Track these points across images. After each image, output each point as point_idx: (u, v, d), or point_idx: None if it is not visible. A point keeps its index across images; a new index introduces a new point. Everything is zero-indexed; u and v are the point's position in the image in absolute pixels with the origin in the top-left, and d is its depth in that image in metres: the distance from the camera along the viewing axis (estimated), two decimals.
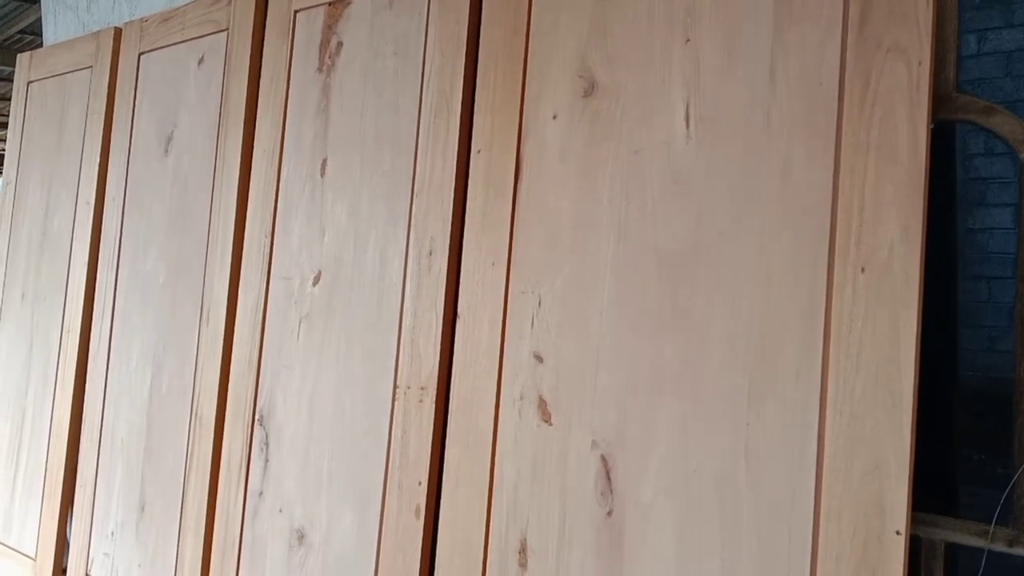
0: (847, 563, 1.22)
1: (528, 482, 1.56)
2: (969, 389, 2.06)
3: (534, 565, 1.53)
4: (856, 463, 1.23)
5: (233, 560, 2.03)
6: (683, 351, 1.41)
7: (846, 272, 1.27)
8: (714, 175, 1.41)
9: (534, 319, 1.60)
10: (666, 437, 1.41)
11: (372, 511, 1.78)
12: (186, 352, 2.27)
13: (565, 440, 1.53)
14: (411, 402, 1.75)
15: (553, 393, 1.56)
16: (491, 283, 1.66)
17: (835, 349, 1.26)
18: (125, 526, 2.37)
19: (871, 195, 1.26)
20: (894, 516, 1.20)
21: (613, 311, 1.50)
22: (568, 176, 1.57)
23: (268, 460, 2.01)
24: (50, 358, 2.72)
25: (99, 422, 2.50)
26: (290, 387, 1.99)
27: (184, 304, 2.30)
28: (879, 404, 1.22)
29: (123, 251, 2.53)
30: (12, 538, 2.77)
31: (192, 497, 2.17)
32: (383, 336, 1.83)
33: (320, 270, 1.97)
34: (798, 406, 1.28)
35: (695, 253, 1.41)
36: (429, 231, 1.76)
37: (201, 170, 2.32)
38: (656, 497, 1.41)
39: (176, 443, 2.25)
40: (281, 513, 1.96)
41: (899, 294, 1.23)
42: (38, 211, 2.91)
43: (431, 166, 1.77)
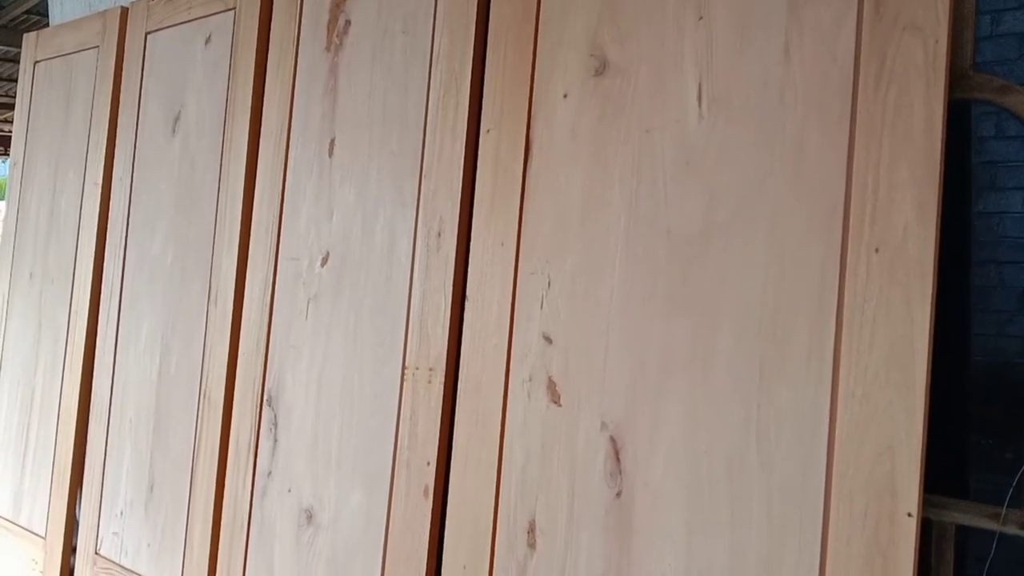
0: (858, 545, 1.22)
1: (537, 463, 1.56)
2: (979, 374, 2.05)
3: (543, 545, 1.53)
4: (868, 444, 1.22)
5: (242, 539, 2.04)
6: (694, 332, 1.40)
7: (860, 253, 1.26)
8: (727, 155, 1.40)
9: (543, 300, 1.59)
10: (676, 418, 1.40)
11: (381, 491, 1.78)
12: (194, 333, 2.27)
13: (574, 421, 1.52)
14: (420, 383, 1.75)
15: (562, 374, 1.55)
16: (500, 264, 1.65)
17: (848, 330, 1.25)
18: (134, 505, 2.38)
19: (886, 175, 1.25)
20: (906, 498, 1.19)
21: (623, 292, 1.49)
22: (578, 156, 1.56)
23: (277, 440, 2.01)
24: (58, 338, 2.73)
25: (107, 402, 2.51)
26: (298, 368, 1.99)
27: (192, 285, 2.30)
28: (892, 385, 1.21)
29: (131, 232, 2.53)
30: (22, 517, 2.79)
31: (201, 477, 2.17)
32: (391, 317, 1.83)
33: (328, 251, 1.97)
34: (809, 387, 1.28)
35: (707, 234, 1.40)
36: (438, 211, 1.75)
37: (209, 150, 2.31)
38: (665, 478, 1.41)
39: (185, 423, 2.26)
40: (290, 493, 1.96)
41: (913, 275, 1.21)
42: (45, 191, 2.91)
43: (440, 146, 1.76)
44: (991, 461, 2.13)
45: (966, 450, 1.79)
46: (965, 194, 2.04)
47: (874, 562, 1.20)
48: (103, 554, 2.45)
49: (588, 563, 1.47)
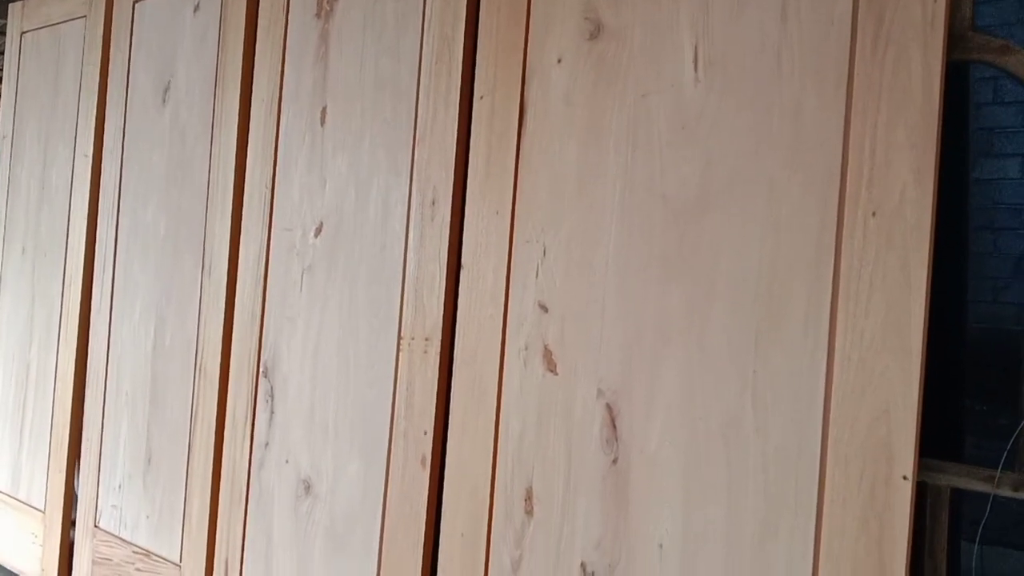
0: (853, 508, 1.22)
1: (533, 431, 1.56)
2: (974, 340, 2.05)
3: (540, 512, 1.53)
4: (864, 408, 1.22)
5: (240, 510, 2.05)
6: (690, 299, 1.39)
7: (856, 217, 1.25)
8: (723, 119, 1.38)
9: (539, 268, 1.58)
10: (672, 385, 1.40)
11: (378, 461, 1.79)
12: (188, 305, 2.26)
13: (570, 389, 1.52)
14: (415, 353, 1.75)
15: (558, 343, 1.55)
16: (495, 232, 1.64)
17: (844, 295, 1.25)
18: (132, 478, 2.38)
19: (883, 138, 1.24)
20: (901, 461, 1.20)
21: (619, 259, 1.48)
22: (573, 122, 1.54)
23: (273, 412, 2.01)
24: (52, 312, 2.72)
25: (103, 375, 2.51)
26: (294, 339, 1.99)
27: (185, 256, 2.29)
28: (888, 349, 1.21)
29: (122, 203, 2.51)
30: (21, 492, 2.80)
31: (198, 449, 2.18)
32: (386, 287, 1.82)
33: (322, 221, 1.95)
34: (806, 352, 1.27)
35: (703, 199, 1.39)
36: (432, 180, 1.74)
37: (199, 120, 2.28)
38: (662, 445, 1.41)
39: (181, 396, 2.26)
40: (287, 464, 1.97)
41: (910, 238, 1.21)
42: (36, 164, 2.88)
43: (433, 113, 1.74)
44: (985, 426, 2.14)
45: (961, 415, 1.80)
46: (963, 160, 2.03)
47: (869, 525, 1.21)
48: (102, 527, 2.46)
49: (585, 529, 1.48)
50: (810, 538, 1.26)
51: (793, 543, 1.27)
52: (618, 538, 1.44)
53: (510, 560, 1.56)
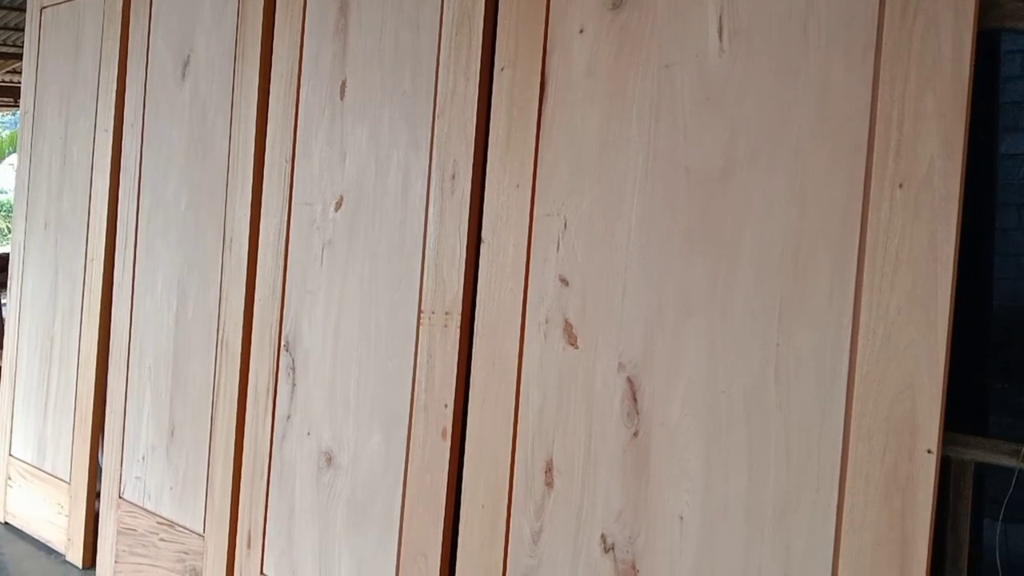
0: (876, 482, 1.22)
1: (554, 404, 1.57)
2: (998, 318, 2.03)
3: (560, 484, 1.54)
4: (888, 382, 1.21)
5: (263, 482, 2.07)
6: (713, 272, 1.38)
7: (883, 188, 1.23)
8: (748, 90, 1.36)
9: (560, 242, 1.58)
10: (694, 358, 1.40)
11: (399, 433, 1.80)
12: (210, 279, 2.27)
13: (591, 363, 1.52)
14: (436, 327, 1.75)
15: (579, 316, 1.54)
16: (515, 206, 1.64)
17: (870, 267, 1.23)
18: (155, 450, 2.41)
19: (911, 107, 1.22)
20: (926, 435, 1.19)
21: (641, 232, 1.47)
22: (595, 93, 1.53)
23: (295, 385, 2.03)
24: (75, 287, 2.74)
25: (126, 349, 2.53)
26: (315, 313, 2.00)
27: (207, 231, 2.30)
28: (914, 322, 1.20)
29: (144, 178, 2.52)
30: (47, 463, 2.84)
31: (221, 422, 2.20)
32: (407, 261, 1.82)
33: (342, 195, 1.95)
34: (830, 326, 1.26)
35: (727, 171, 1.38)
36: (452, 153, 1.73)
37: (219, 94, 2.28)
38: (683, 418, 1.41)
39: (203, 369, 2.28)
40: (309, 436, 1.98)
41: (938, 210, 1.19)
42: (57, 139, 2.90)
43: (453, 85, 1.73)
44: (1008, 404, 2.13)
45: (985, 392, 1.79)
46: (991, 133, 1.99)
47: (892, 499, 1.20)
48: (127, 498, 2.50)
49: (605, 501, 1.48)
50: (832, 512, 1.26)
51: (815, 516, 1.27)
52: (638, 510, 1.44)
53: (530, 531, 1.57)
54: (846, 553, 1.24)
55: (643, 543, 1.43)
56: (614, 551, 1.46)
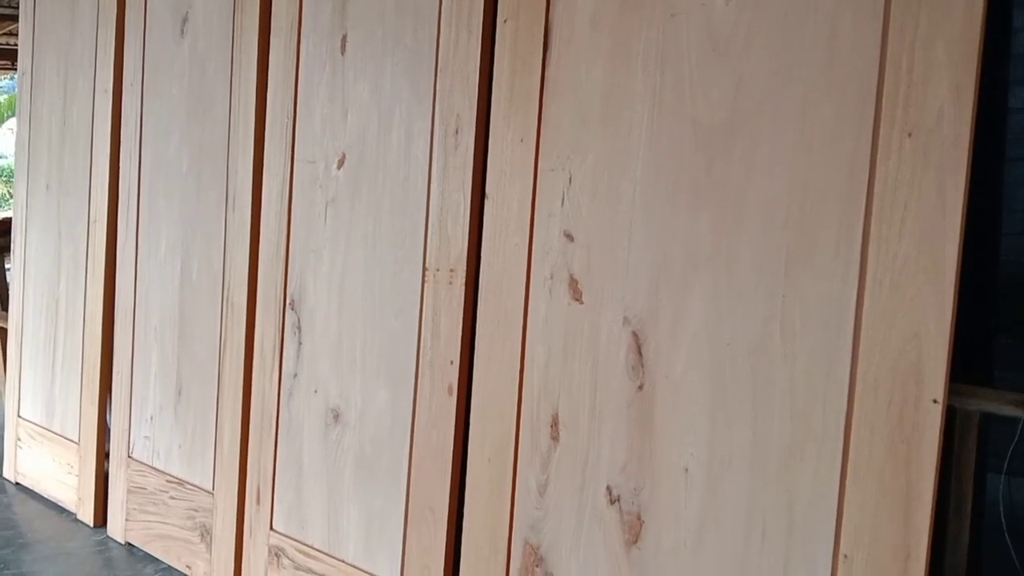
0: (881, 432, 1.22)
1: (559, 359, 1.57)
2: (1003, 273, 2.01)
3: (566, 438, 1.55)
4: (895, 332, 1.21)
5: (271, 439, 2.09)
6: (719, 225, 1.38)
7: (892, 137, 1.22)
8: (755, 39, 1.34)
9: (564, 197, 1.57)
10: (699, 311, 1.40)
11: (405, 390, 1.81)
12: (214, 239, 2.27)
13: (596, 318, 1.52)
14: (441, 283, 1.75)
15: (584, 271, 1.54)
16: (520, 161, 1.62)
17: (877, 217, 1.22)
18: (163, 410, 2.43)
19: (921, 54, 1.20)
20: (932, 385, 1.19)
21: (646, 186, 1.46)
22: (600, 44, 1.51)
23: (301, 343, 2.03)
24: (79, 248, 2.74)
25: (131, 310, 2.54)
26: (319, 271, 1.99)
27: (209, 191, 2.29)
28: (921, 272, 1.19)
29: (144, 138, 2.51)
30: (56, 424, 2.87)
31: (228, 380, 2.21)
32: (411, 218, 1.81)
33: (344, 152, 1.94)
34: (836, 276, 1.26)
35: (733, 123, 1.36)
36: (455, 108, 1.71)
37: (219, 51, 2.26)
38: (688, 371, 1.41)
39: (209, 329, 2.28)
40: (316, 394, 1.99)
41: (947, 158, 1.18)
42: (56, 100, 2.87)
43: (455, 38, 1.71)
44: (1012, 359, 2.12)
45: (991, 344, 1.78)
46: (1001, 86, 1.97)
47: (897, 449, 1.21)
48: (136, 457, 2.53)
49: (611, 454, 1.49)
50: (837, 462, 1.26)
51: (819, 467, 1.28)
52: (643, 463, 1.45)
53: (536, 484, 1.58)
54: (850, 503, 1.25)
55: (648, 495, 1.45)
56: (619, 503, 1.48)
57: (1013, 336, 2.15)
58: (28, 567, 2.38)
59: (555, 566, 1.56)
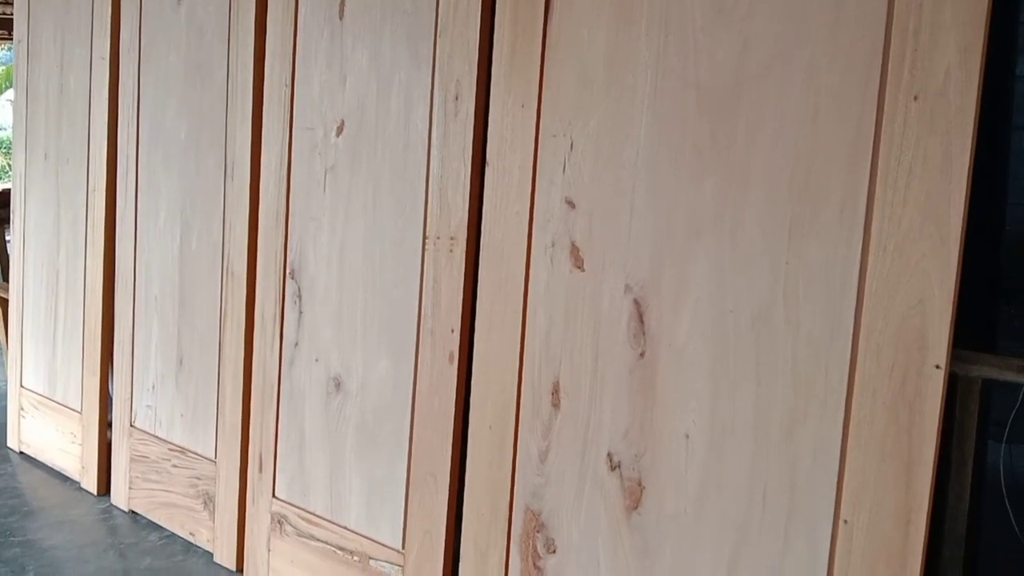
0: (883, 397, 1.22)
1: (560, 327, 1.56)
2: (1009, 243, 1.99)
3: (567, 405, 1.55)
4: (899, 298, 1.20)
5: (272, 407, 2.09)
6: (722, 191, 1.36)
7: (898, 101, 1.20)
8: (761, 1, 1.32)
9: (566, 163, 1.55)
10: (702, 278, 1.39)
11: (406, 358, 1.80)
12: (213, 208, 2.26)
13: (598, 285, 1.52)
14: (441, 252, 1.74)
15: (586, 239, 1.53)
16: (521, 126, 1.61)
17: (882, 182, 1.21)
18: (165, 379, 2.44)
19: (928, 16, 1.18)
20: (935, 350, 1.18)
21: (649, 152, 1.45)
22: (602, 7, 1.48)
23: (302, 312, 2.03)
24: (78, 218, 2.73)
25: (131, 280, 2.53)
26: (319, 240, 1.98)
27: (208, 159, 2.27)
28: (926, 237, 1.18)
29: (142, 107, 2.48)
30: (58, 394, 2.87)
31: (229, 349, 2.21)
32: (411, 186, 1.80)
33: (343, 119, 1.92)
34: (841, 242, 1.25)
35: (738, 87, 1.34)
36: (455, 73, 1.69)
37: (216, 18, 2.23)
38: (690, 338, 1.40)
39: (209, 298, 2.28)
40: (317, 362, 1.99)
41: (953, 122, 1.16)
42: (53, 69, 2.84)
43: (455, 2, 1.68)
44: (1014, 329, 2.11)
45: (994, 313, 1.77)
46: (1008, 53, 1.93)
47: (899, 414, 1.21)
48: (138, 426, 2.53)
49: (612, 421, 1.49)
50: (838, 428, 1.26)
51: (821, 433, 1.28)
52: (644, 429, 1.46)
53: (537, 451, 1.59)
54: (851, 469, 1.25)
55: (649, 461, 1.45)
56: (620, 469, 1.48)
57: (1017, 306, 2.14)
58: (34, 534, 2.39)
59: (556, 531, 1.57)
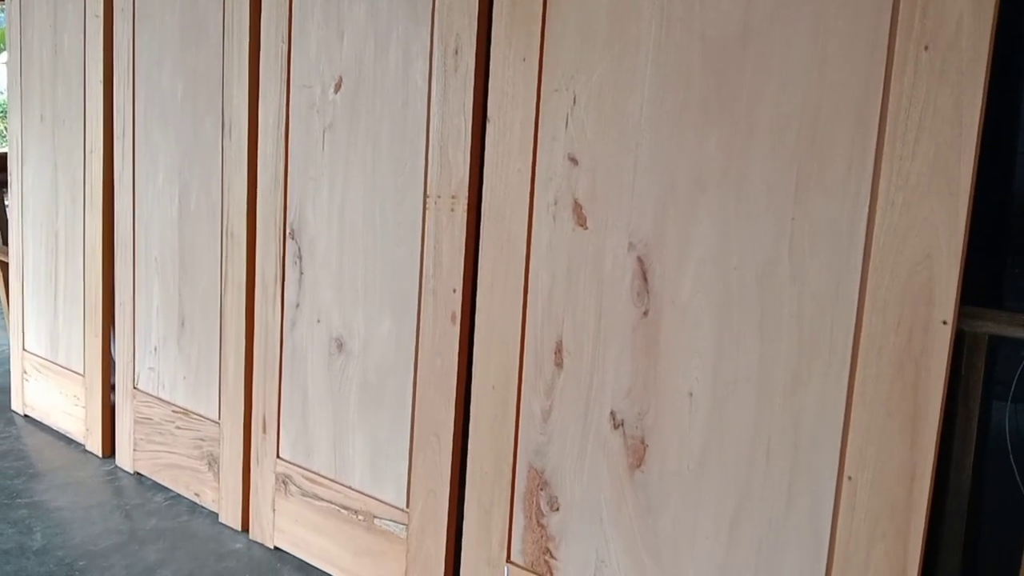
0: (889, 354, 1.21)
1: (563, 286, 1.55)
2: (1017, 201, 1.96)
3: (570, 364, 1.54)
4: (906, 253, 1.19)
5: (275, 369, 2.09)
6: (728, 145, 1.34)
7: (908, 51, 1.17)
8: None
9: (568, 119, 1.53)
10: (707, 235, 1.37)
11: (408, 319, 1.79)
12: (211, 169, 2.23)
13: (601, 243, 1.50)
14: (442, 211, 1.72)
15: (588, 196, 1.51)
16: (522, 81, 1.58)
17: (891, 135, 1.19)
18: (167, 341, 2.43)
19: None
20: (942, 306, 1.17)
21: (653, 106, 1.42)
22: None
23: (302, 273, 2.01)
24: (76, 180, 2.70)
25: (131, 242, 2.51)
26: (319, 200, 1.96)
27: (205, 119, 2.24)
28: (934, 192, 1.16)
29: (137, 66, 2.44)
30: (60, 357, 2.87)
31: (230, 311, 2.20)
32: (410, 144, 1.77)
33: (341, 76, 1.89)
34: (848, 197, 1.23)
35: (744, 38, 1.31)
36: (454, 27, 1.66)
37: None
38: (694, 296, 1.39)
39: (209, 259, 2.26)
40: (319, 323, 1.98)
41: (965, 72, 1.14)
42: (47, 28, 2.80)
43: None
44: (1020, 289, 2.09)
45: (1002, 270, 1.75)
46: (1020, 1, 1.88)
47: (905, 371, 1.20)
48: (141, 388, 2.54)
49: (615, 379, 1.48)
50: (843, 385, 1.26)
51: (825, 389, 1.27)
52: (647, 387, 1.45)
53: (540, 410, 1.58)
54: (856, 425, 1.24)
55: (652, 419, 1.44)
56: (623, 427, 1.48)
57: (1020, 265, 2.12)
58: (40, 496, 2.41)
59: (559, 489, 1.57)
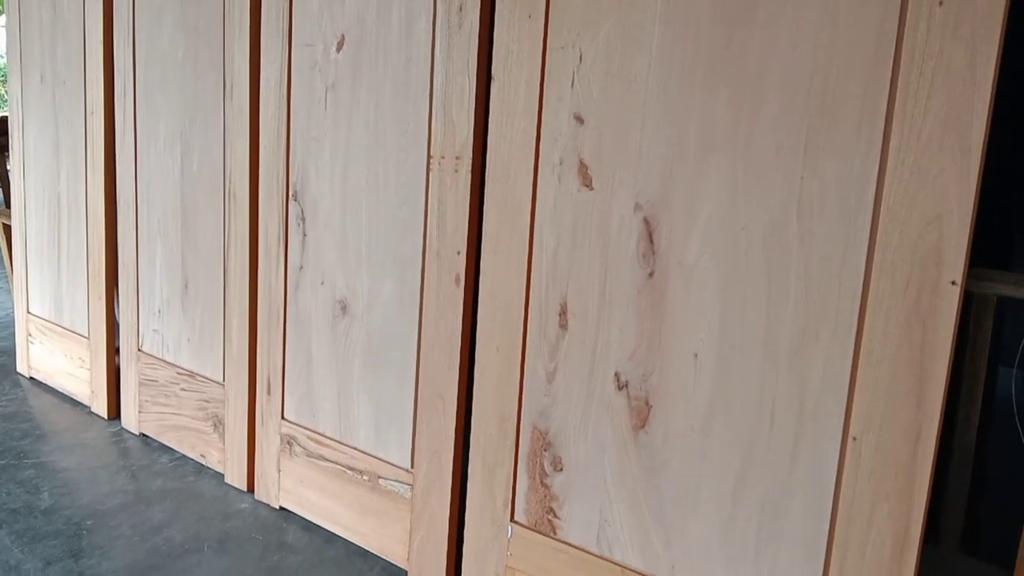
0: (897, 314, 1.20)
1: (568, 247, 1.54)
2: None
3: (575, 326, 1.54)
4: (916, 213, 1.17)
5: (279, 331, 2.09)
6: (737, 104, 1.32)
7: (921, 5, 1.15)
8: None
9: (574, 77, 1.50)
10: (714, 196, 1.36)
11: (412, 280, 1.79)
12: (213, 129, 2.21)
13: (607, 204, 1.48)
14: (446, 171, 1.70)
15: (595, 156, 1.49)
16: (527, 39, 1.55)
17: (902, 93, 1.17)
18: (171, 303, 2.43)
19: None
20: (951, 266, 1.16)
21: (661, 63, 1.40)
22: None
23: (306, 235, 2.00)
24: (77, 141, 2.69)
25: (134, 204, 2.50)
26: (321, 160, 1.95)
27: (206, 78, 2.21)
28: (946, 150, 1.15)
29: (137, 25, 2.41)
30: (64, 320, 2.88)
31: (233, 273, 2.19)
32: (414, 103, 1.75)
33: (343, 34, 1.86)
34: (858, 156, 1.21)
35: None
36: None
37: None
38: (701, 257, 1.38)
39: (212, 221, 2.25)
40: (323, 285, 1.98)
41: (979, 27, 1.11)
42: None
43: None
44: None
45: (1010, 232, 1.74)
46: None
47: (913, 331, 1.19)
48: (146, 350, 2.54)
49: (620, 341, 1.48)
50: (850, 345, 1.25)
51: (832, 350, 1.26)
52: (652, 349, 1.44)
53: (544, 372, 1.58)
54: (862, 386, 1.24)
55: (657, 380, 1.44)
56: (628, 388, 1.48)
57: None
58: (47, 457, 2.43)
59: (563, 450, 1.57)
